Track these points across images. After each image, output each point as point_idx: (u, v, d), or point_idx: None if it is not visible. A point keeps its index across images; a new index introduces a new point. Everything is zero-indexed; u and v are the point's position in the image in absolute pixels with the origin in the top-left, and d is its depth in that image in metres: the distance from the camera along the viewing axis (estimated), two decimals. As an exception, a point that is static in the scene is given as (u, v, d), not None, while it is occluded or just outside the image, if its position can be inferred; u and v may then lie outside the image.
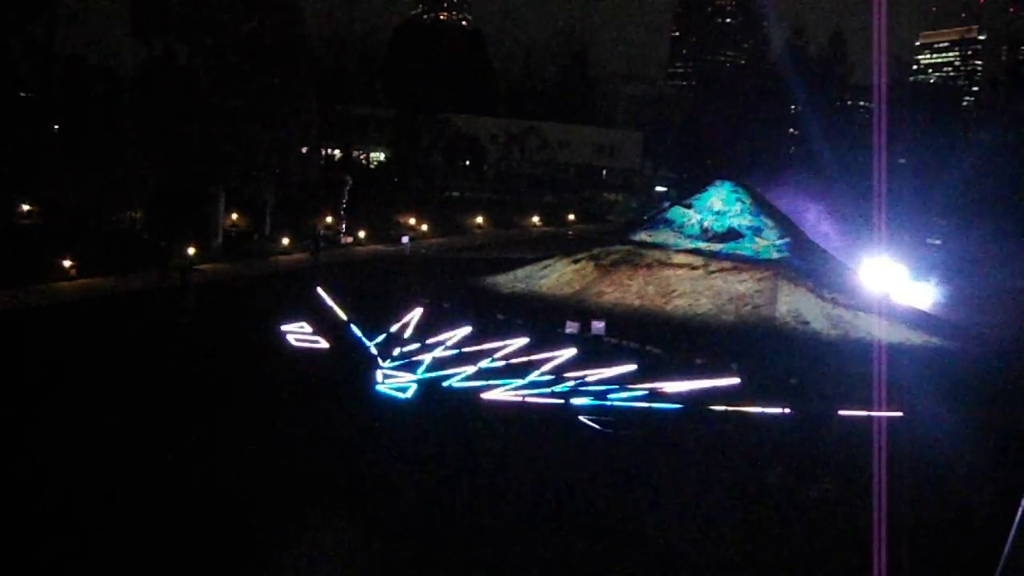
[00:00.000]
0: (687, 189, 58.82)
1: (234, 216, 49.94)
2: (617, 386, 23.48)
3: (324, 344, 27.14)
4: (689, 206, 41.00)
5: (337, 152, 74.16)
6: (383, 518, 15.42)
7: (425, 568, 13.95)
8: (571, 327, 30.00)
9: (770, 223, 38.93)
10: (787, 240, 38.25)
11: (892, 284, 37.59)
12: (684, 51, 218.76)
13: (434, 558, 14.18)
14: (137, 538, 14.17)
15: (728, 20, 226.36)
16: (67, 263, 34.78)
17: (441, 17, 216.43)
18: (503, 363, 25.40)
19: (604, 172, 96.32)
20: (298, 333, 27.90)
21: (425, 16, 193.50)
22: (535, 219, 71.39)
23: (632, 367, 25.08)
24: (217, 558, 13.82)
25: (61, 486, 15.91)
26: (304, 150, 50.58)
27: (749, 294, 33.25)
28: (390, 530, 14.97)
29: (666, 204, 62.13)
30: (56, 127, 51.83)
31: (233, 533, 14.58)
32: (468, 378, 23.79)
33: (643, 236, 40.49)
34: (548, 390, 23.01)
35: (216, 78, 43.10)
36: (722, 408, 22.37)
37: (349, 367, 24.61)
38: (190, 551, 13.93)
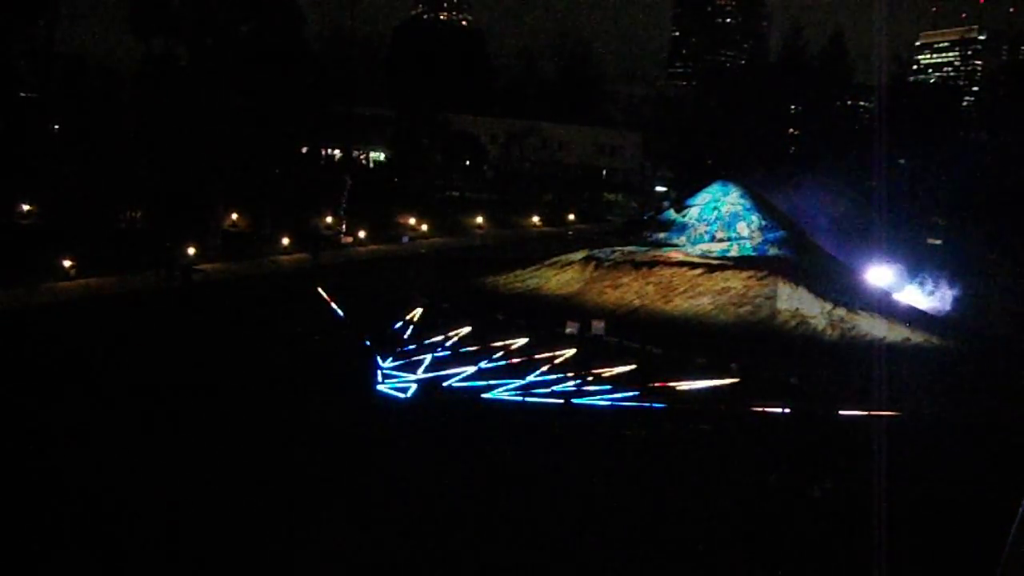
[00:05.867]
0: (687, 189, 58.78)
1: (234, 216, 49.96)
2: (617, 386, 23.47)
3: (324, 344, 27.13)
4: (689, 206, 41.04)
5: (337, 152, 74.15)
6: (382, 518, 15.41)
7: (424, 567, 13.95)
8: (571, 327, 30.00)
9: (770, 222, 38.94)
10: (787, 240, 38.25)
11: (892, 284, 37.59)
12: (684, 51, 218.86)
13: (434, 557, 14.18)
14: (136, 536, 14.18)
15: (728, 20, 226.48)
16: (67, 263, 34.76)
17: (441, 17, 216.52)
18: (503, 363, 25.40)
19: (604, 172, 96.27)
20: (299, 332, 27.90)
21: (425, 16, 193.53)
22: (535, 219, 71.37)
23: (632, 367, 25.08)
24: (217, 556, 13.82)
25: (64, 484, 15.93)
26: (304, 150, 50.61)
27: (749, 294, 33.22)
28: (389, 529, 14.96)
29: (666, 204, 62.20)
30: (56, 127, 51.83)
31: (232, 533, 14.58)
32: (468, 378, 23.78)
33: (643, 236, 40.52)
34: (548, 390, 23.00)
35: (216, 78, 43.11)
36: (722, 408, 22.37)
37: (349, 367, 24.61)
38: (188, 548, 13.95)
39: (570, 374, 24.38)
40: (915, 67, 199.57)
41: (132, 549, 13.90)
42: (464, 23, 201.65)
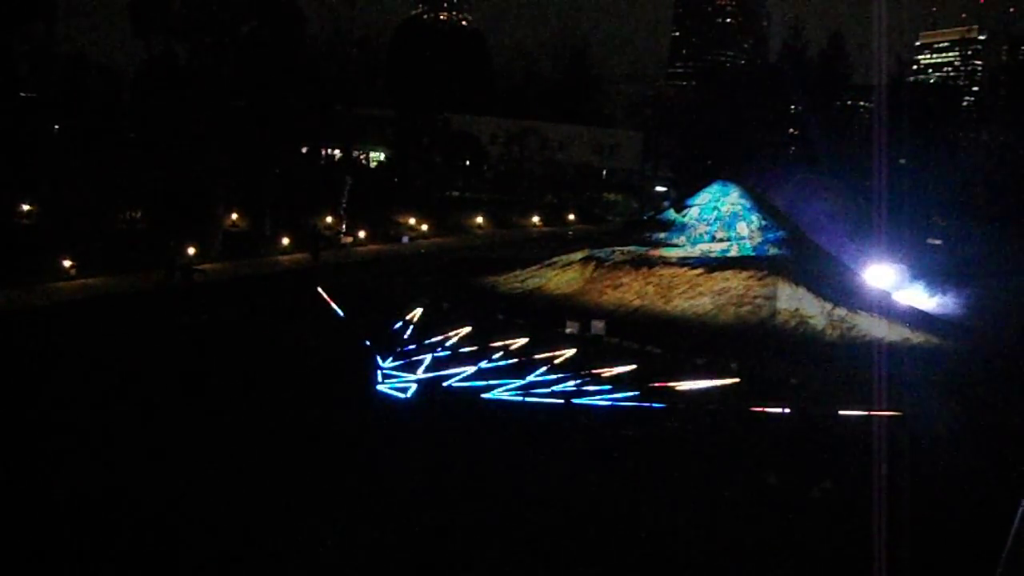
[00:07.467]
0: (687, 189, 58.83)
1: (234, 216, 49.98)
2: (617, 386, 23.46)
3: (324, 343, 27.13)
4: (689, 206, 41.03)
5: (337, 152, 74.18)
6: (382, 518, 15.41)
7: (423, 568, 13.94)
8: (571, 327, 30.01)
9: (770, 222, 38.93)
10: (787, 240, 38.25)
11: (893, 284, 37.62)
12: (684, 51, 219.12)
13: (433, 559, 14.17)
14: (137, 534, 14.19)
15: (728, 20, 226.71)
16: (67, 263, 34.78)
17: (441, 17, 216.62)
18: (503, 363, 25.41)
19: (604, 172, 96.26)
20: (299, 333, 27.90)
21: (425, 16, 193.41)
22: (535, 219, 71.41)
23: (632, 367, 25.07)
24: (216, 555, 13.82)
25: (63, 484, 15.93)
26: (304, 150, 50.66)
27: (749, 294, 33.20)
28: (388, 530, 14.96)
29: (666, 204, 62.22)
30: (56, 127, 51.88)
31: (230, 532, 14.59)
32: (468, 378, 23.78)
33: (643, 236, 40.50)
34: (548, 390, 23.00)
35: (216, 78, 43.13)
36: (722, 408, 22.37)
37: (349, 367, 24.60)
38: (188, 547, 13.95)
39: (570, 374, 24.38)
40: (915, 67, 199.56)
41: (131, 548, 13.89)
42: (464, 23, 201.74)
